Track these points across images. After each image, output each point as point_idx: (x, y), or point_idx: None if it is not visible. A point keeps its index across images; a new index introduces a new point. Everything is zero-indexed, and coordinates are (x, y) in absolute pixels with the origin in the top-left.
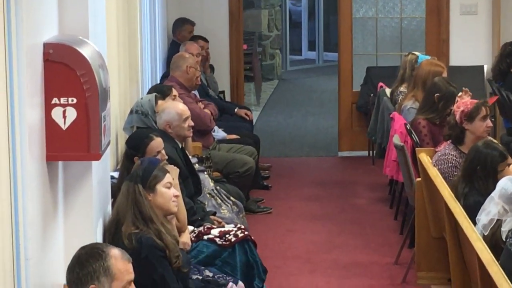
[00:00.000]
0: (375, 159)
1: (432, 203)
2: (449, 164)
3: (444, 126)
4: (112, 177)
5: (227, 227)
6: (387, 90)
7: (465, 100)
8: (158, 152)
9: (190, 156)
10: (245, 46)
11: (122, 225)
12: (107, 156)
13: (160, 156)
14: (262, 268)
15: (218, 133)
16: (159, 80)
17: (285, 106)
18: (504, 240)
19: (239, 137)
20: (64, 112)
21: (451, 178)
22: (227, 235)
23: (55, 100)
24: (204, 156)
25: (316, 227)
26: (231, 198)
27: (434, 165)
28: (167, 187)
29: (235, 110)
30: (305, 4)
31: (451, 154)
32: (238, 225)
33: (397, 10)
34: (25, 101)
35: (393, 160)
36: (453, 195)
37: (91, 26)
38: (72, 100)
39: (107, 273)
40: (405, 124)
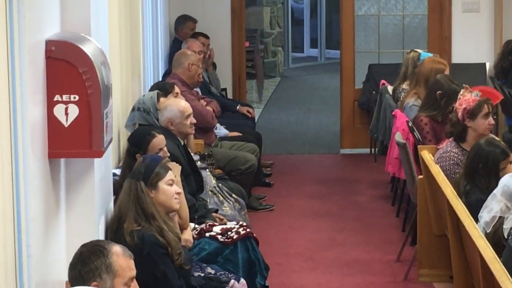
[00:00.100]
0: (377, 157)
1: (434, 201)
2: (451, 162)
3: (446, 123)
4: (114, 174)
5: (229, 224)
6: (389, 87)
7: (467, 98)
8: (160, 149)
9: (192, 154)
10: (247, 44)
11: (124, 222)
12: (109, 153)
13: (162, 153)
14: (264, 265)
15: (220, 131)
16: (161, 77)
17: (287, 104)
18: (506, 237)
19: (241, 135)
20: (66, 109)
21: (453, 175)
22: (229, 232)
23: (57, 97)
24: (206, 153)
25: (318, 224)
26: (233, 195)
27: (436, 163)
28: (169, 184)
29: (237, 107)
30: (307, 2)
31: (453, 152)
32: (240, 223)
33: (399, 7)
34: (27, 98)
35: (395, 157)
36: (455, 193)
37: (93, 23)
38: (74, 97)
39: (109, 270)
40: (407, 122)
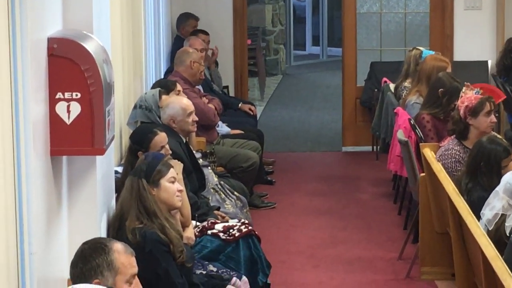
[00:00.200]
0: (379, 154)
1: (436, 198)
2: (453, 159)
3: (448, 121)
4: (116, 172)
5: (231, 222)
6: (391, 85)
7: (469, 95)
8: (162, 147)
9: (194, 151)
10: (249, 41)
11: (126, 220)
12: (111, 151)
13: (164, 151)
14: (266, 263)
15: (222, 128)
16: (163, 75)
17: (289, 101)
18: (508, 235)
19: (243, 132)
20: (68, 106)
21: (454, 173)
22: (231, 230)
23: (59, 95)
24: (208, 151)
25: (320, 222)
26: (235, 193)
27: (438, 160)
28: (171, 182)
29: (239, 105)
30: None
31: (455, 149)
32: (242, 220)
33: (401, 5)
34: (29, 96)
35: (397, 155)
36: (457, 190)
37: (95, 21)
38: (76, 95)
39: (111, 267)
40: (409, 119)
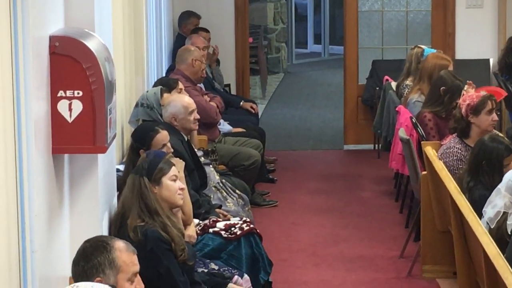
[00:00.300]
0: (381, 153)
1: (438, 197)
2: (455, 158)
3: (450, 119)
4: (117, 170)
5: (233, 220)
6: (393, 83)
7: (471, 94)
8: (164, 145)
9: (195, 149)
10: (251, 40)
11: (127, 218)
12: (112, 149)
13: (165, 149)
14: (268, 261)
15: (223, 126)
16: (165, 73)
17: (291, 100)
18: (509, 233)
19: (245, 130)
20: (70, 105)
21: (456, 171)
22: (232, 228)
23: (61, 93)
24: (209, 149)
25: (322, 220)
26: (237, 191)
27: (439, 159)
28: (173, 180)
29: (241, 103)
30: None
31: (457, 147)
32: (244, 218)
33: (403, 3)
34: (31, 94)
35: (399, 153)
36: (459, 189)
37: (97, 19)
38: (78, 93)
39: (112, 265)
40: (411, 118)
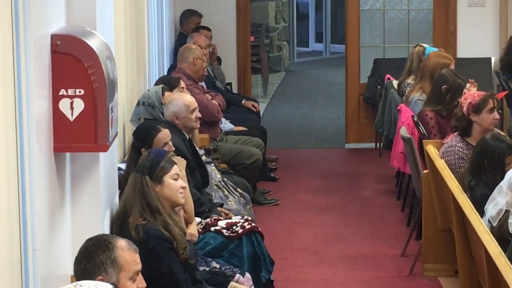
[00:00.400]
0: (382, 151)
1: (439, 195)
2: (456, 156)
3: (451, 118)
4: (119, 169)
5: (234, 219)
6: (394, 82)
7: (472, 92)
8: (165, 143)
9: (197, 148)
10: (252, 38)
11: (129, 217)
12: (114, 147)
13: (167, 147)
14: (269, 259)
15: (225, 125)
16: (166, 72)
17: (292, 98)
18: (511, 232)
19: (246, 129)
20: (71, 103)
21: (458, 170)
22: (234, 227)
23: (62, 92)
24: (211, 147)
25: (323, 218)
26: (238, 189)
27: (441, 157)
28: (174, 179)
29: (242, 102)
30: None
31: (458, 146)
32: (245, 217)
33: (405, 2)
34: (32, 92)
35: (400, 152)
36: (460, 187)
37: (98, 18)
38: (80, 92)
39: (114, 264)
40: (412, 116)
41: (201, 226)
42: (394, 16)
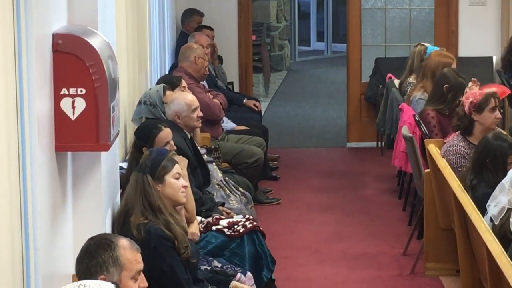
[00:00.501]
0: (384, 150)
1: (441, 194)
2: (458, 155)
3: (453, 117)
4: (120, 168)
5: (236, 218)
6: (396, 81)
7: (474, 91)
8: (167, 142)
9: (198, 147)
10: (254, 37)
11: (130, 216)
12: (116, 146)
13: (169, 146)
14: (271, 258)
15: (227, 124)
16: (168, 71)
17: (294, 97)
18: None
19: (248, 128)
20: (73, 102)
21: (459, 169)
22: (235, 226)
23: (64, 91)
24: (212, 146)
25: (325, 218)
26: (240, 188)
27: (442, 156)
28: (176, 178)
29: (244, 101)
30: None
31: (460, 145)
32: (247, 216)
33: (406, 1)
34: (34, 91)
35: (402, 151)
36: (462, 186)
37: (100, 17)
38: (81, 91)
39: (116, 263)
40: (414, 115)
41: (203, 225)
42: (396, 15)
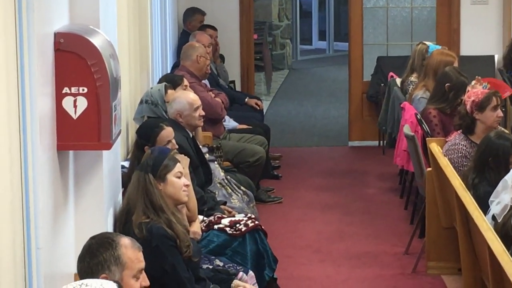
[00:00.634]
0: (386, 149)
1: (443, 193)
2: (459, 154)
3: (455, 116)
4: (122, 167)
5: (238, 217)
6: (398, 80)
7: (476, 90)
8: (169, 141)
9: (200, 146)
10: (256, 36)
11: (132, 215)
12: (117, 145)
13: (170, 145)
14: (273, 257)
15: (229, 123)
16: (170, 70)
17: (296, 96)
18: None
19: (250, 127)
20: (75, 101)
21: (461, 168)
22: (237, 225)
23: (65, 90)
24: (214, 145)
25: (327, 216)
26: (242, 187)
27: (444, 155)
28: (178, 177)
29: (246, 99)
30: None
31: (462, 144)
32: (249, 215)
33: None
34: (36, 90)
35: (404, 150)
36: (464, 185)
37: (101, 16)
38: (83, 90)
39: (118, 262)
40: (416, 114)
41: (205, 224)
42: (398, 14)
